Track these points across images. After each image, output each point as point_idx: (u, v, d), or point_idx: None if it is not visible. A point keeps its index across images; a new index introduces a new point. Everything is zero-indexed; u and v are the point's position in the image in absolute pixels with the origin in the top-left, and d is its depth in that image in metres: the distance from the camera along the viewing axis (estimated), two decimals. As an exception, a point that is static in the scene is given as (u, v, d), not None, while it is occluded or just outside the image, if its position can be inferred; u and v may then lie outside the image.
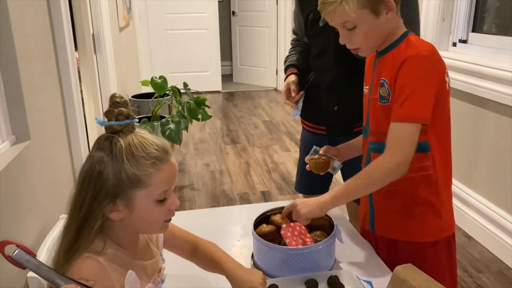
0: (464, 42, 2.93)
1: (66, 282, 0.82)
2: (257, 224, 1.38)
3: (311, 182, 1.91)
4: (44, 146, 1.62)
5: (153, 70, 5.97)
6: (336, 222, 1.34)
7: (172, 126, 3.08)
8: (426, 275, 0.99)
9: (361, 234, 1.50)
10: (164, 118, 3.31)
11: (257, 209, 1.44)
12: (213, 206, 3.12)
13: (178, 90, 3.50)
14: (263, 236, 1.31)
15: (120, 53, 3.89)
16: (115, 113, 0.92)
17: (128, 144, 0.91)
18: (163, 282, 1.12)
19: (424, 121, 1.18)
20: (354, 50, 1.29)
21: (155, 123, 3.16)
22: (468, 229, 2.70)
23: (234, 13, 6.84)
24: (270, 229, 1.36)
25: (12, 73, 1.39)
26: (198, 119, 3.34)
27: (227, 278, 1.12)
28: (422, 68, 1.18)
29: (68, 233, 0.94)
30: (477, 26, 2.90)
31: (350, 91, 1.66)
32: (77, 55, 2.60)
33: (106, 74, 3.08)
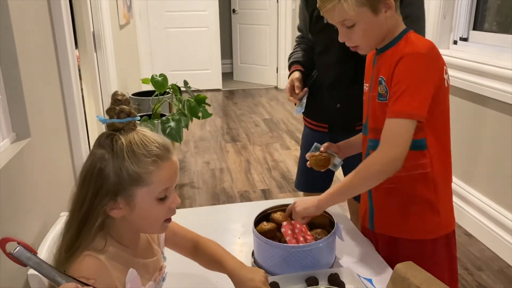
0: (465, 40, 2.93)
1: (66, 280, 0.82)
2: (257, 222, 1.38)
3: (312, 180, 1.91)
4: (44, 144, 1.62)
5: (153, 68, 5.96)
6: (336, 220, 1.34)
7: (172, 124, 3.08)
8: (426, 273, 0.99)
9: (361, 231, 1.50)
10: (164, 116, 3.32)
11: (257, 207, 1.44)
12: (213, 204, 3.12)
13: (179, 88, 3.50)
14: (264, 233, 1.31)
15: (120, 51, 3.89)
16: (117, 110, 0.92)
17: (129, 141, 0.91)
18: (164, 280, 1.11)
19: (419, 118, 1.17)
20: (353, 48, 1.29)
21: (156, 121, 3.16)
22: (468, 227, 2.70)
23: (234, 11, 6.83)
24: (270, 226, 1.36)
25: (12, 71, 1.39)
26: (198, 117, 3.34)
27: (229, 277, 1.11)
28: (418, 65, 1.18)
29: (69, 230, 0.94)
30: (478, 24, 2.89)
31: (352, 89, 1.66)
32: (77, 53, 2.60)
33: (106, 72, 3.08)
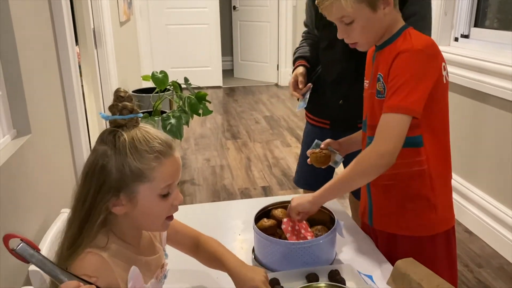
0: (466, 37, 2.92)
1: (69, 278, 0.82)
2: (257, 218, 1.38)
3: (312, 177, 1.91)
4: (45, 140, 1.62)
5: (154, 65, 5.95)
6: (337, 216, 1.34)
7: (173, 121, 3.08)
8: (427, 269, 0.99)
9: (361, 228, 1.51)
10: (165, 113, 3.31)
11: (257, 203, 1.44)
12: (213, 201, 3.12)
13: (179, 85, 3.50)
14: (264, 230, 1.31)
15: (121, 47, 3.88)
16: (119, 107, 0.92)
17: (131, 138, 0.91)
18: (166, 278, 1.11)
19: (414, 113, 1.17)
20: (352, 45, 1.29)
21: (156, 118, 3.16)
22: (468, 224, 2.70)
23: (235, 8, 6.82)
24: (271, 223, 1.36)
25: (13, 67, 1.39)
26: (199, 114, 3.34)
27: (230, 275, 1.12)
28: (415, 61, 1.17)
29: (71, 227, 0.94)
30: (479, 21, 2.89)
31: (356, 86, 1.65)
32: (77, 50, 2.60)
33: (107, 68, 3.07)
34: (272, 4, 6.35)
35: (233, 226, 1.56)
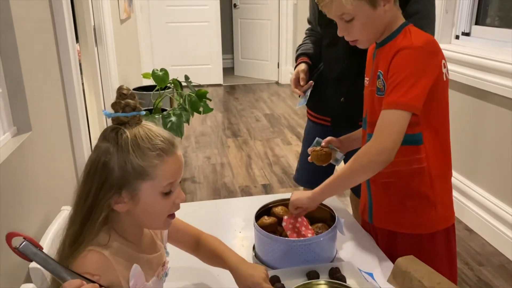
0: (467, 35, 2.92)
1: (72, 276, 0.82)
2: (258, 216, 1.38)
3: (313, 175, 1.91)
4: (45, 138, 1.62)
5: (154, 63, 5.95)
6: (337, 214, 1.34)
7: (173, 118, 3.08)
8: (428, 267, 0.99)
9: (361, 225, 1.51)
10: (165, 111, 3.31)
11: (258, 201, 1.44)
12: (214, 199, 3.12)
13: (180, 82, 3.50)
14: (265, 227, 1.31)
15: (121, 45, 3.88)
16: (122, 104, 0.92)
17: (134, 135, 0.91)
18: (167, 276, 1.12)
19: (413, 109, 1.16)
20: (353, 42, 1.29)
21: (157, 116, 3.16)
22: (469, 222, 2.70)
23: (235, 5, 6.81)
24: (271, 221, 1.36)
25: (13, 65, 1.39)
26: (199, 112, 3.33)
27: (231, 272, 1.12)
28: (414, 58, 1.17)
29: (73, 224, 0.93)
30: (480, 18, 2.88)
31: (358, 84, 1.65)
32: (78, 48, 2.60)
33: (107, 66, 3.07)
34: (272, 2, 6.34)
35: (233, 223, 1.56)
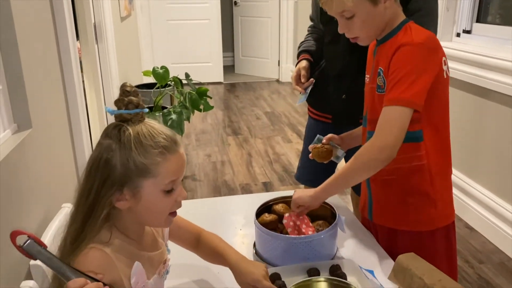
0: (468, 32, 2.91)
1: (76, 275, 0.82)
2: (259, 213, 1.38)
3: (314, 173, 1.90)
4: (46, 135, 1.62)
5: (154, 60, 5.94)
6: (338, 211, 1.33)
7: (174, 116, 3.08)
8: (428, 264, 0.99)
9: (361, 223, 1.50)
10: (166, 108, 3.31)
11: (258, 198, 1.44)
12: (214, 197, 3.12)
13: (180, 80, 3.49)
14: (265, 225, 1.31)
15: (121, 43, 3.88)
16: (125, 102, 0.91)
17: (136, 132, 0.91)
18: (168, 273, 1.11)
19: (414, 106, 1.16)
20: (353, 39, 1.28)
21: (157, 114, 3.16)
22: (469, 220, 2.70)
23: (236, 3, 6.80)
24: (272, 218, 1.36)
25: (13, 62, 1.39)
26: (200, 110, 3.33)
27: (231, 270, 1.12)
28: (415, 55, 1.17)
29: (74, 221, 0.93)
30: (481, 16, 2.87)
31: (359, 81, 1.65)
32: (78, 45, 2.59)
33: (107, 64, 3.07)
34: (273, -1, 6.34)
35: (234, 221, 1.56)
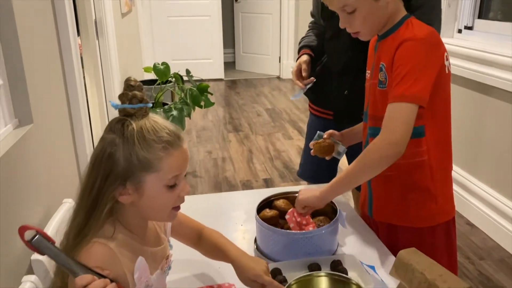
0: (469, 28, 2.90)
1: (83, 271, 0.82)
2: (260, 209, 1.38)
3: (316, 170, 1.90)
4: (47, 130, 1.62)
5: (155, 57, 5.93)
6: (339, 207, 1.34)
7: (174, 113, 3.08)
8: (429, 259, 0.99)
9: (362, 219, 1.50)
10: (166, 105, 3.31)
11: (259, 194, 1.44)
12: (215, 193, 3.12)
13: (181, 76, 3.49)
14: (266, 220, 1.31)
15: (122, 39, 3.87)
16: (129, 96, 0.91)
17: (140, 127, 0.90)
18: (170, 269, 1.12)
19: (420, 101, 1.15)
20: (354, 34, 1.28)
21: (158, 110, 3.16)
22: (470, 216, 2.70)
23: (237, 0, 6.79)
24: (273, 213, 1.36)
25: (14, 57, 1.39)
26: (201, 106, 3.33)
27: (232, 265, 1.12)
28: (418, 50, 1.16)
29: (77, 216, 0.93)
30: (483, 12, 2.87)
31: (361, 77, 1.64)
32: (79, 41, 2.59)
33: (108, 60, 3.07)
34: (274, -4, 6.32)
35: (235, 216, 1.56)
